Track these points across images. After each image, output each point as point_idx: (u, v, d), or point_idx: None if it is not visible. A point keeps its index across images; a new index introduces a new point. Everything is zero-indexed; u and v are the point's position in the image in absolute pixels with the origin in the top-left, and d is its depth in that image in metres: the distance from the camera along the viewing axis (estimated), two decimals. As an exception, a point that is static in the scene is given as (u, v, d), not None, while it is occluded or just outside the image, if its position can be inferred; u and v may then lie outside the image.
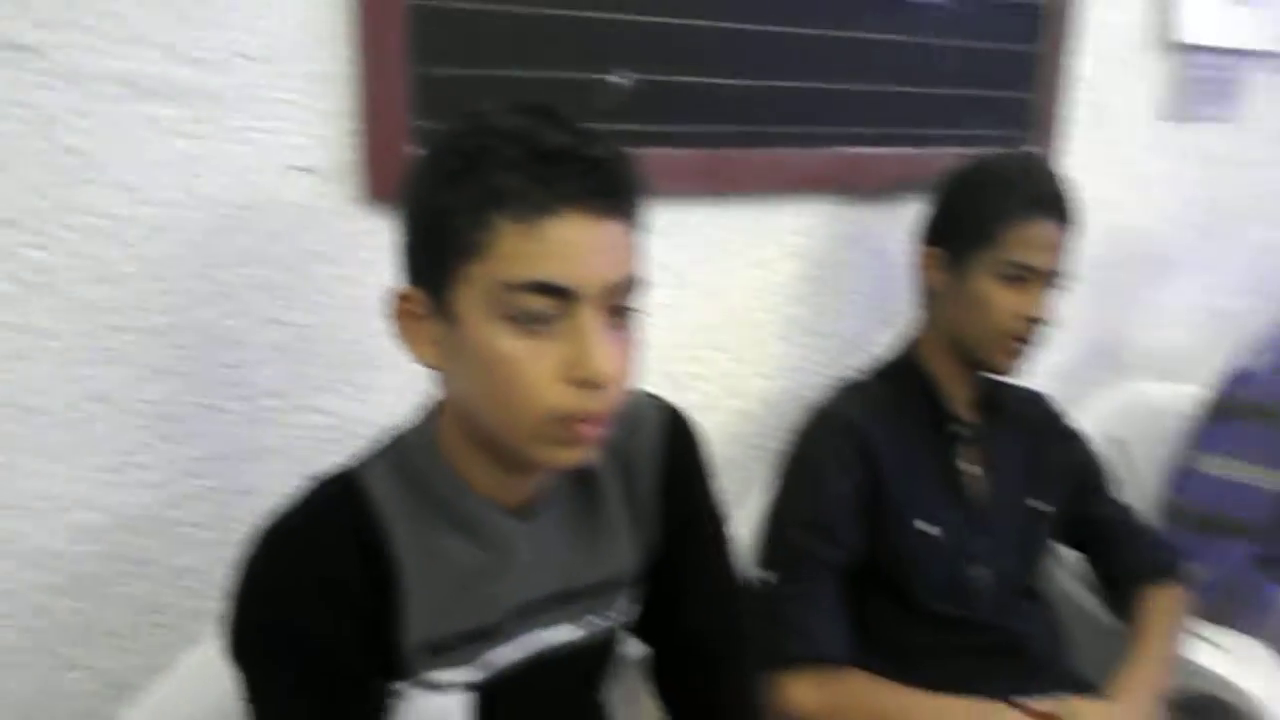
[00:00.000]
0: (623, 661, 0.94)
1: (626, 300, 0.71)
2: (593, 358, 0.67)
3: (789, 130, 1.36)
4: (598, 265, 0.68)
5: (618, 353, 0.70)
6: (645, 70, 1.22)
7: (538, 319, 0.67)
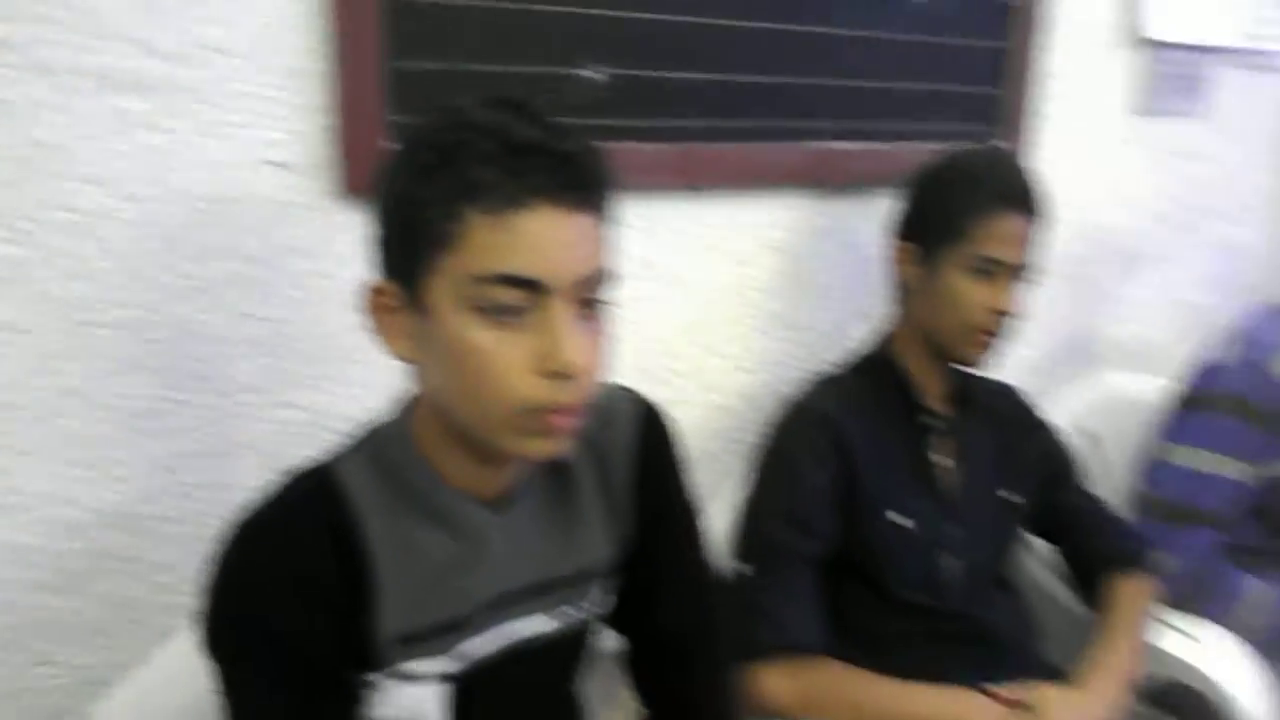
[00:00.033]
0: (598, 653, 0.94)
1: (597, 293, 0.72)
2: (563, 349, 0.68)
3: (761, 125, 1.37)
4: (568, 258, 0.69)
5: (589, 344, 0.71)
6: (618, 65, 1.23)
7: (508, 311, 0.68)
